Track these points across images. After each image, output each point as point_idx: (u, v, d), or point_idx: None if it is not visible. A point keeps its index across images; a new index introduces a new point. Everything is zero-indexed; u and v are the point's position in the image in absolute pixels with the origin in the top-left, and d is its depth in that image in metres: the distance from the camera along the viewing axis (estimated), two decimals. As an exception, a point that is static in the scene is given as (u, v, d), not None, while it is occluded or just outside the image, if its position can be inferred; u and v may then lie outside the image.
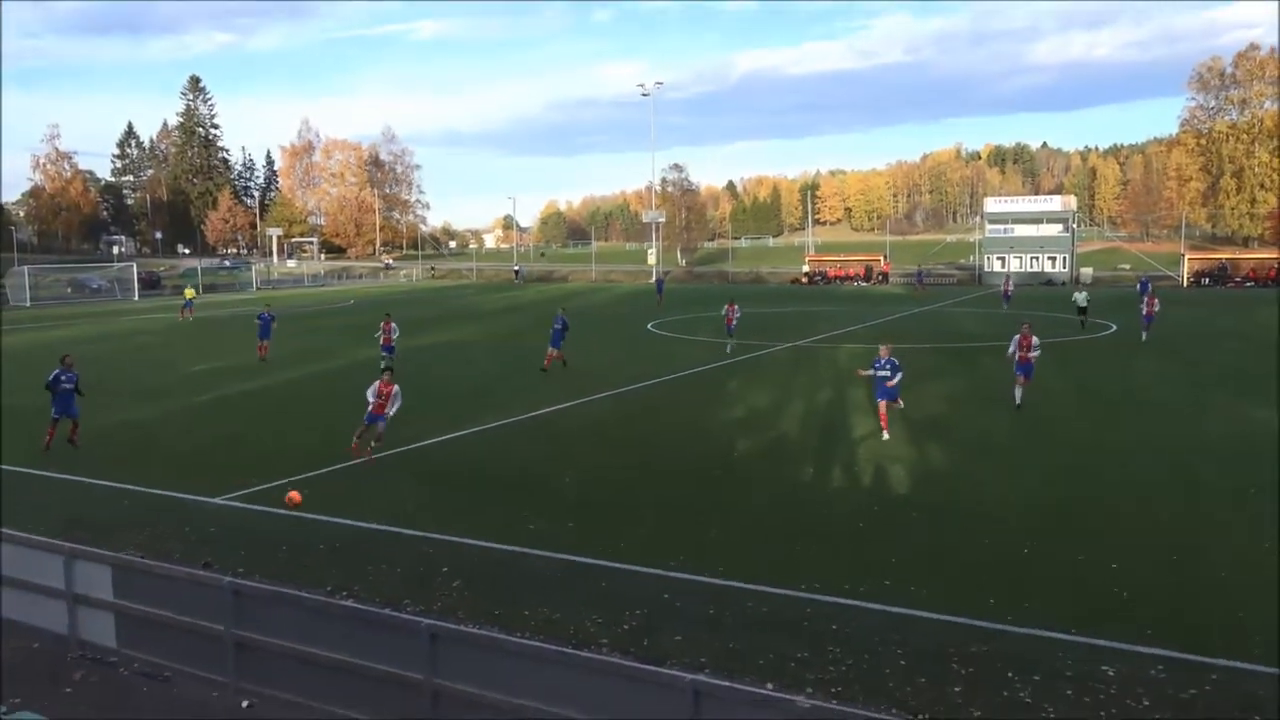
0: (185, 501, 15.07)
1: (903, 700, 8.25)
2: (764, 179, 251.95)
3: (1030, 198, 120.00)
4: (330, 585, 11.22)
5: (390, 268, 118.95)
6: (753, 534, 13.03)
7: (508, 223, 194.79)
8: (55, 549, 9.96)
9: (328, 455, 17.77)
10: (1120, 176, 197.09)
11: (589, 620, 10.11)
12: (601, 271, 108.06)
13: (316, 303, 68.78)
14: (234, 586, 8.75)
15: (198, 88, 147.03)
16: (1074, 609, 10.14)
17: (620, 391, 25.25)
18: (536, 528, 13.33)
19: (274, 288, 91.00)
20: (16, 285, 71.62)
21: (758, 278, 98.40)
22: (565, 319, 29.56)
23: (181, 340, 42.22)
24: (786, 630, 9.79)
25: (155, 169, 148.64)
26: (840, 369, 29.31)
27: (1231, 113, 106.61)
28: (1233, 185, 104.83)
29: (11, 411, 23.39)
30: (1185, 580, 11.01)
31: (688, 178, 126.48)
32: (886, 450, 17.82)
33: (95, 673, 9.34)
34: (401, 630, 7.92)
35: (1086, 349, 34.36)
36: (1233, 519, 13.39)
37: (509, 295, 77.02)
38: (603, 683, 6.99)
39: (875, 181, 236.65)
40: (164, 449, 19.16)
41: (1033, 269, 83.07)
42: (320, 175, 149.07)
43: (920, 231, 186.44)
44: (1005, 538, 12.65)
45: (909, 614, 10.10)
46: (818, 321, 46.42)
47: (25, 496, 15.40)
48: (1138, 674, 8.65)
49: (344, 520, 13.75)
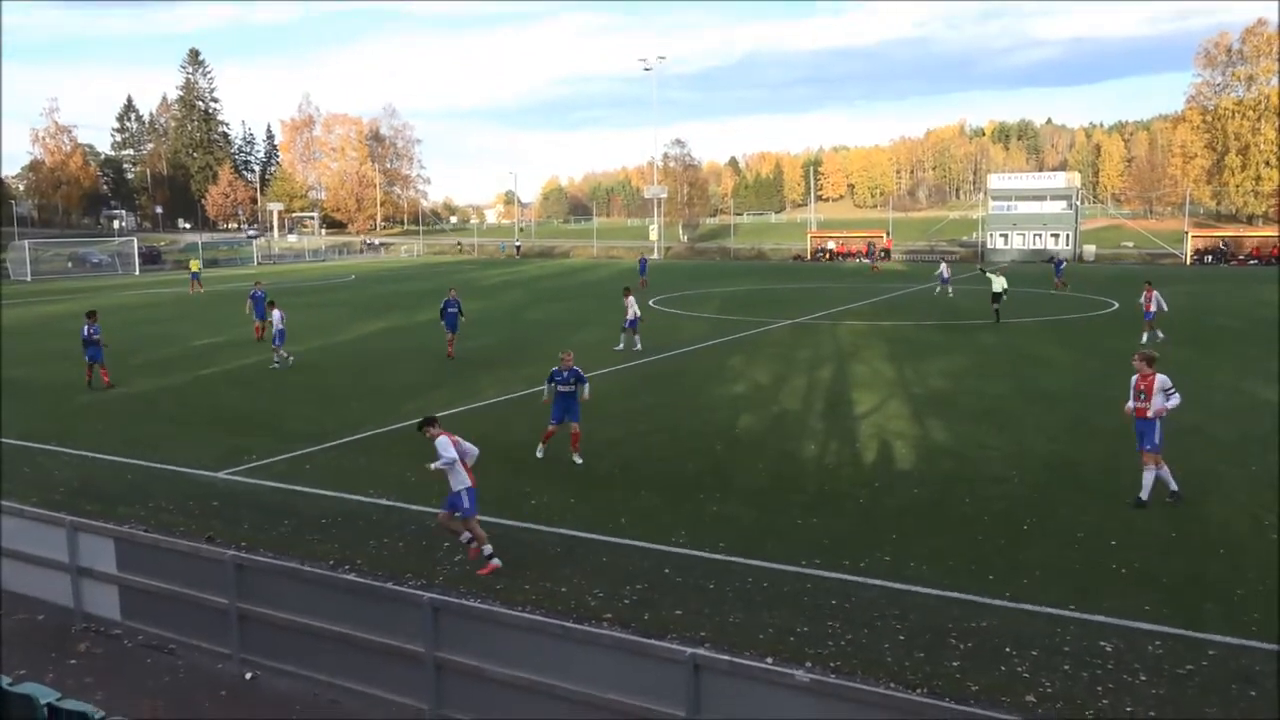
0: (188, 475, 15.12)
1: (901, 674, 8.31)
2: (767, 155, 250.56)
3: (1034, 174, 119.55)
4: (333, 559, 11.29)
5: (372, 246, 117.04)
6: (753, 509, 13.07)
7: (509, 198, 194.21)
8: (58, 522, 10.02)
9: (330, 429, 17.81)
10: (1125, 153, 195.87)
11: (590, 594, 10.17)
12: (603, 247, 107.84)
13: (319, 278, 68.70)
14: (237, 560, 8.80)
15: (197, 61, 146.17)
16: (1073, 585, 10.19)
17: (621, 367, 25.27)
18: (538, 502, 13.38)
19: (275, 262, 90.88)
20: (17, 260, 71.54)
21: (759, 254, 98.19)
22: (457, 301, 27.77)
23: (183, 314, 42.22)
24: (786, 605, 9.85)
25: (155, 143, 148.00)
26: (841, 345, 29.31)
27: (1238, 89, 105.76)
28: (1238, 162, 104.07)
29: (14, 384, 23.45)
30: (1184, 557, 11.04)
31: (690, 153, 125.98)
32: (888, 426, 17.85)
33: (100, 644, 9.42)
34: (404, 603, 7.97)
35: (1087, 326, 34.32)
36: (1234, 492, 13.41)
37: (510, 270, 76.89)
38: (603, 656, 7.03)
39: (879, 158, 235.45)
40: (167, 423, 19.20)
41: (1036, 246, 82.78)
42: (321, 150, 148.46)
43: (923, 208, 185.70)
44: (1005, 513, 12.68)
45: (908, 589, 10.16)
46: (818, 298, 46.32)
47: (29, 470, 15.47)
48: (1135, 649, 8.70)
49: (346, 494, 13.81)
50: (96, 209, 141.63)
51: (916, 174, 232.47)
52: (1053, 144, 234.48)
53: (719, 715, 6.50)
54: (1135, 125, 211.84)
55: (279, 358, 26.04)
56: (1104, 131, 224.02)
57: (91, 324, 23.21)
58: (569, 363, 15.35)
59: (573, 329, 33.63)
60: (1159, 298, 29.12)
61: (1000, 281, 35.04)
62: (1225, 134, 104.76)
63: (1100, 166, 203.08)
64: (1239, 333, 31.81)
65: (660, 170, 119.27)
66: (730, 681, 6.52)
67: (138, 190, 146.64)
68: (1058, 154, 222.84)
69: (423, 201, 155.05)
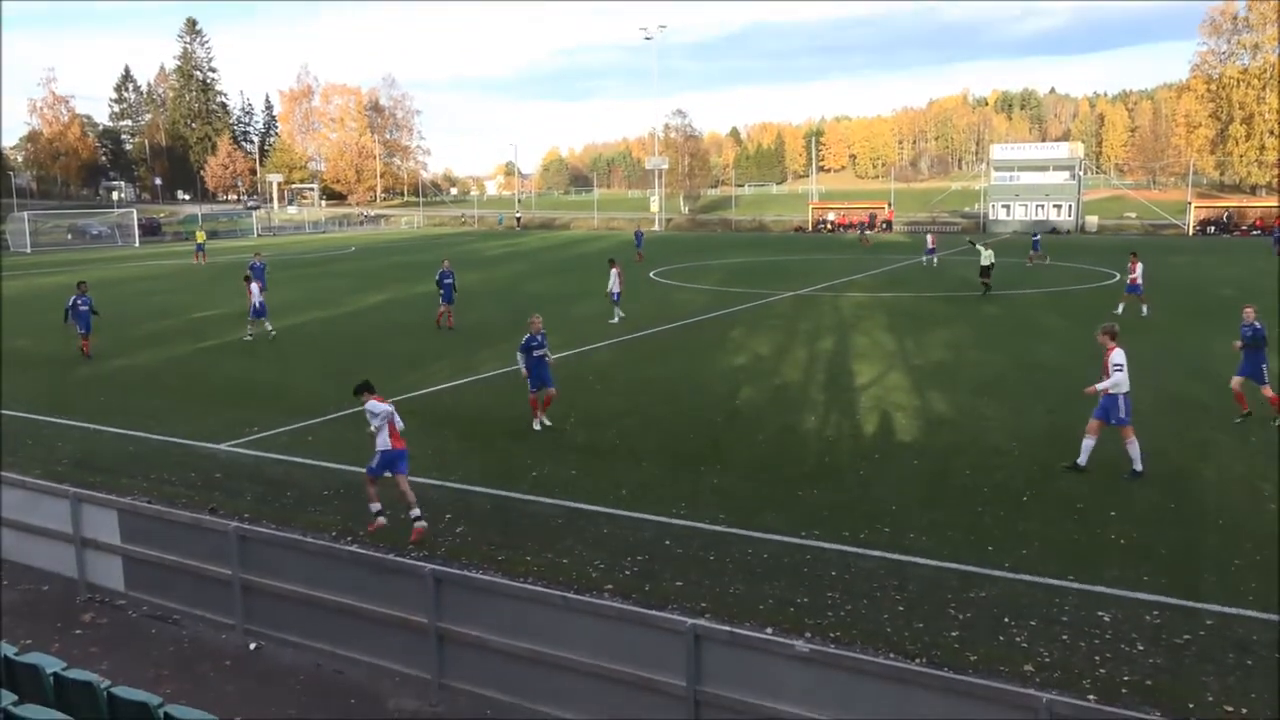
0: (191, 447, 15.17)
1: (900, 644, 8.38)
2: (768, 125, 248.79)
3: (1037, 145, 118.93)
4: (335, 530, 11.35)
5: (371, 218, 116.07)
6: (754, 481, 13.12)
7: (509, 169, 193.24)
8: (61, 494, 10.07)
9: (332, 401, 17.84)
10: (1128, 123, 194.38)
11: (591, 565, 10.24)
12: (603, 219, 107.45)
13: (319, 250, 68.54)
14: (240, 532, 8.85)
15: (194, 30, 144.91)
16: (1072, 556, 10.24)
17: (622, 339, 25.26)
18: (539, 474, 13.42)
19: (274, 234, 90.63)
20: (16, 231, 71.36)
21: (760, 225, 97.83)
22: (452, 272, 27.72)
23: (184, 286, 42.17)
24: (786, 576, 9.91)
25: (153, 113, 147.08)
26: (842, 317, 29.29)
27: (1244, 57, 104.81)
28: (1242, 132, 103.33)
29: (15, 356, 23.47)
30: (1182, 528, 11.09)
31: (691, 124, 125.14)
32: (888, 398, 17.88)
33: (105, 615, 9.49)
34: (406, 574, 8.02)
35: (1088, 298, 34.26)
36: (1232, 463, 13.45)
37: (510, 242, 76.68)
38: (604, 627, 7.09)
39: (880, 128, 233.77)
40: (169, 395, 19.23)
41: (1038, 217, 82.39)
42: (320, 120, 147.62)
43: (925, 179, 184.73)
44: (1005, 484, 12.73)
45: (907, 560, 10.21)
46: (820, 270, 46.21)
47: (32, 441, 15.52)
48: (1133, 619, 8.76)
49: (349, 466, 13.84)
50: (95, 180, 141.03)
51: (919, 144, 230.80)
52: (1056, 114, 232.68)
53: (720, 685, 6.57)
54: (1139, 95, 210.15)
55: (254, 331, 26.14)
56: (1108, 101, 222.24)
57: (82, 295, 23.57)
58: (538, 327, 15.40)
59: (572, 301, 33.58)
60: (1141, 269, 28.75)
61: (989, 254, 34.78)
62: (1230, 103, 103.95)
63: (1103, 136, 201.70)
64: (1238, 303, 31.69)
65: (661, 141, 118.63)
66: (730, 652, 6.58)
67: (136, 161, 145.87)
68: (1061, 124, 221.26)
69: (423, 173, 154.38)
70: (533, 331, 15.41)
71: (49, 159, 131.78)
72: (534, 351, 15.33)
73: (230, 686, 8.08)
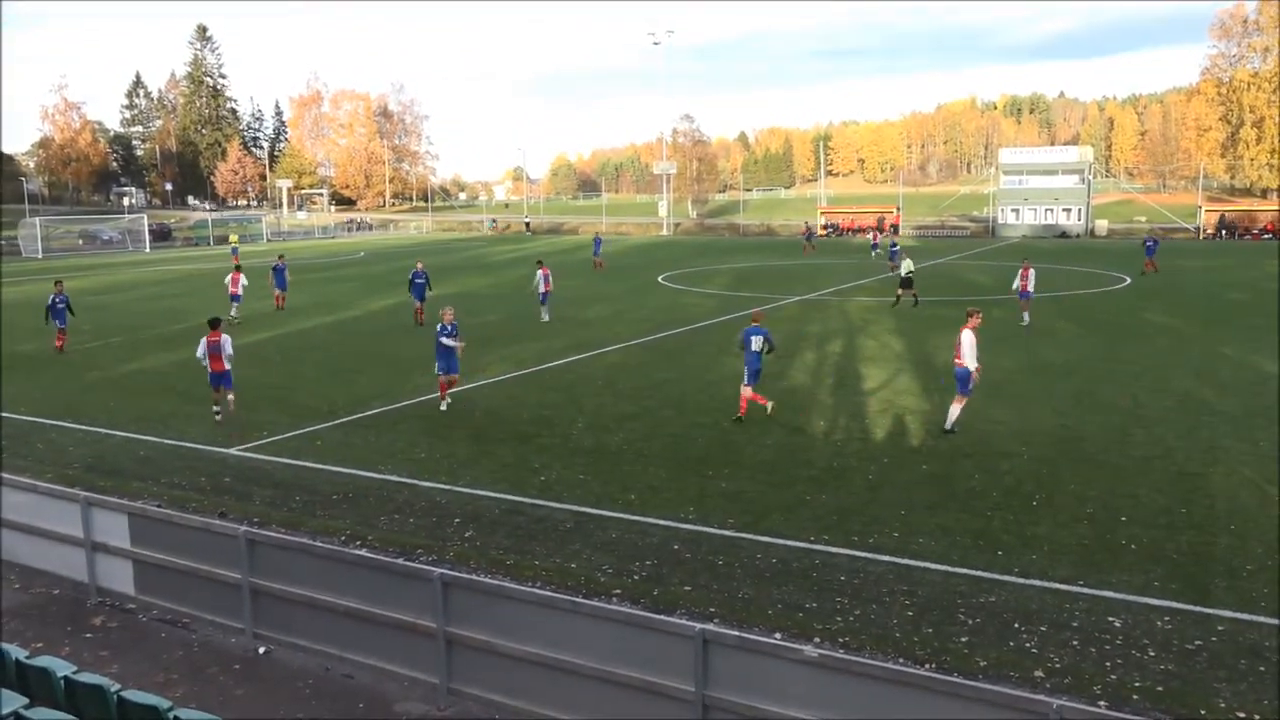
0: (200, 451, 15.22)
1: (909, 650, 8.35)
2: (776, 130, 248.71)
3: (1046, 148, 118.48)
4: (344, 535, 11.37)
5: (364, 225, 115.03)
6: (762, 485, 13.09)
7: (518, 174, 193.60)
8: (72, 498, 10.11)
9: (341, 405, 17.88)
10: (1138, 127, 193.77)
11: (599, 570, 10.23)
12: (611, 223, 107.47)
13: (329, 255, 68.70)
14: (250, 536, 8.87)
15: (205, 36, 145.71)
16: (1081, 560, 10.20)
17: (631, 343, 25.26)
18: (548, 478, 13.43)
19: (284, 239, 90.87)
20: (29, 236, 71.66)
21: (769, 230, 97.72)
22: (425, 272, 30.32)
23: (195, 290, 42.27)
24: (795, 580, 9.89)
25: (164, 119, 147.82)
26: (850, 320, 29.23)
27: (1254, 61, 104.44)
28: (1253, 135, 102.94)
29: (27, 360, 23.58)
30: (1192, 532, 11.03)
31: (699, 128, 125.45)
32: (896, 401, 17.84)
33: (115, 619, 9.52)
34: (414, 579, 8.02)
35: (1096, 301, 34.14)
36: (1240, 466, 13.37)
37: (519, 247, 76.75)
38: (613, 631, 7.08)
39: (889, 132, 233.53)
40: (179, 399, 19.28)
41: (1047, 220, 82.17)
42: (329, 126, 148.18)
43: (934, 183, 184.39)
44: (1014, 488, 12.68)
45: (916, 565, 10.18)
46: (828, 274, 46.12)
47: (42, 445, 15.59)
48: (1144, 625, 8.72)
49: (357, 470, 13.87)
50: (106, 186, 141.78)
51: (927, 148, 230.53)
52: (1065, 118, 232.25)
53: (728, 690, 6.56)
54: (1149, 98, 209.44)
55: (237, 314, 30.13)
56: (1117, 104, 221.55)
57: (59, 294, 25.31)
58: (450, 318, 17.60)
59: (580, 305, 33.59)
60: (1034, 276, 28.58)
61: (908, 264, 33.50)
62: (1240, 106, 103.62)
63: (1113, 140, 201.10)
64: (1247, 306, 31.59)
65: (669, 146, 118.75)
66: (739, 656, 6.56)
67: (147, 167, 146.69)
68: (1070, 128, 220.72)
69: (431, 178, 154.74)
70: (444, 321, 17.52)
71: (60, 165, 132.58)
72: (442, 339, 17.34)
73: (239, 690, 8.10)
